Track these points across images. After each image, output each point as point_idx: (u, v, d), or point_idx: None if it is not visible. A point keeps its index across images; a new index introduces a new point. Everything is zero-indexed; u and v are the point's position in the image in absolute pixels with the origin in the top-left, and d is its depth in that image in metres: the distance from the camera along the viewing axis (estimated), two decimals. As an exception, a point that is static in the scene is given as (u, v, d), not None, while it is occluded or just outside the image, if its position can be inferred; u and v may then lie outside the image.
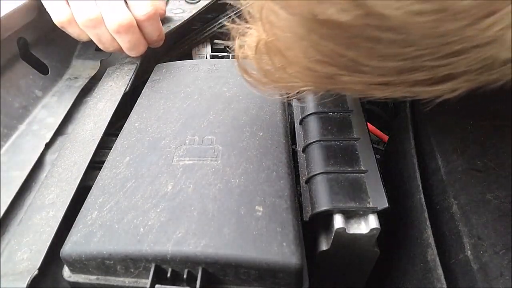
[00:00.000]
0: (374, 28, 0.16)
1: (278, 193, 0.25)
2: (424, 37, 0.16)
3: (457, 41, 0.15)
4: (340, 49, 0.18)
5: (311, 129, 0.30)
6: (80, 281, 0.23)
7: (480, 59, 0.16)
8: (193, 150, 0.28)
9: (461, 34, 0.15)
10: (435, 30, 0.15)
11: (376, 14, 0.15)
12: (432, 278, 0.23)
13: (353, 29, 0.16)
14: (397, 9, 0.15)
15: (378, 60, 0.18)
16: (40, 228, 0.26)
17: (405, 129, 0.31)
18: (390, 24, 0.15)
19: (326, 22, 0.17)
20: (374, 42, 0.17)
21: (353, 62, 0.18)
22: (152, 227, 0.23)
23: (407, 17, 0.15)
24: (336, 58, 0.19)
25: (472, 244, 0.22)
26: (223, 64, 0.39)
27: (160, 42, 0.42)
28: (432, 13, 0.14)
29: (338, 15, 0.16)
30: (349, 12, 0.16)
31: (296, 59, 0.21)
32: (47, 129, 0.37)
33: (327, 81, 0.21)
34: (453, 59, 0.16)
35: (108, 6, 0.37)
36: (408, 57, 0.17)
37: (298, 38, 0.19)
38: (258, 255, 0.21)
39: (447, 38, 0.15)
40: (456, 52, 0.16)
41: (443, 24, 0.15)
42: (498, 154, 0.25)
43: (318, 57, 0.19)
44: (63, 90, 0.42)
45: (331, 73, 0.20)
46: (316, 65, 0.20)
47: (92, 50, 0.48)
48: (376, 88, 0.20)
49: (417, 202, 0.26)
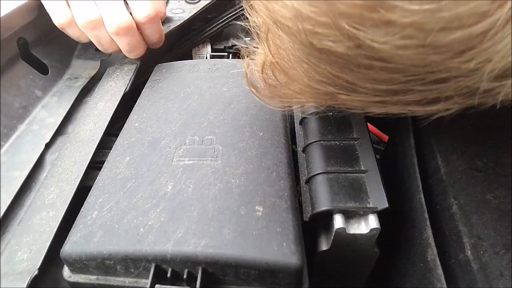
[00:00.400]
0: (365, 57, 0.17)
1: (278, 193, 0.25)
2: (410, 66, 0.17)
3: (441, 70, 0.17)
4: (336, 72, 0.20)
5: (311, 129, 0.30)
6: (80, 281, 0.23)
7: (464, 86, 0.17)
8: (193, 150, 0.28)
9: (445, 65, 0.16)
10: (420, 61, 0.16)
11: (366, 46, 0.17)
12: (432, 278, 0.23)
13: (346, 57, 0.18)
14: (384, 43, 0.16)
15: (371, 84, 0.19)
16: (40, 228, 0.26)
17: (405, 129, 0.31)
18: (379, 55, 0.17)
19: (323, 50, 0.18)
20: (366, 68, 0.18)
21: (349, 83, 0.20)
22: (152, 227, 0.23)
23: (394, 50, 0.16)
24: (333, 79, 0.20)
25: (472, 244, 0.21)
26: (223, 64, 0.39)
27: (161, 44, 0.42)
28: (415, 47, 0.16)
29: (332, 45, 0.17)
30: (342, 43, 0.17)
31: (298, 78, 0.22)
32: (47, 129, 0.37)
33: (328, 97, 0.23)
34: (439, 85, 0.18)
35: (108, 7, 0.37)
36: (398, 81, 0.18)
37: (299, 60, 0.21)
38: (258, 255, 0.21)
39: (432, 68, 0.17)
40: (442, 80, 0.17)
41: (426, 57, 0.16)
42: (498, 154, 0.25)
43: (317, 77, 0.21)
44: (63, 90, 0.42)
45: (330, 92, 0.21)
46: (316, 84, 0.21)
47: (92, 50, 0.48)
48: (374, 105, 0.21)
49: (417, 202, 0.26)
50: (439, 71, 0.17)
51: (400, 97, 0.20)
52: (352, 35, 0.16)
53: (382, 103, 0.21)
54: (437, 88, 0.18)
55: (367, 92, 0.20)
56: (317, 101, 0.25)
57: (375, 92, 0.20)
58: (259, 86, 0.27)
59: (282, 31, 0.20)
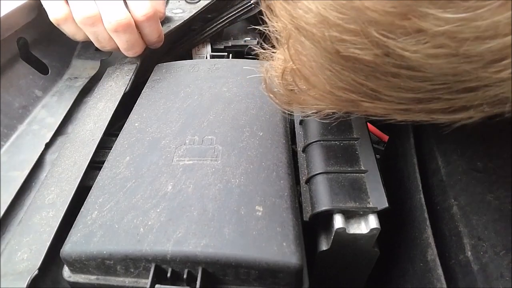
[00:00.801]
0: (393, 66, 0.17)
1: (278, 193, 0.25)
2: (440, 75, 0.17)
3: (471, 80, 0.16)
4: (360, 80, 0.19)
5: (311, 129, 0.30)
6: (80, 281, 0.23)
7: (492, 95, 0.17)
8: (193, 150, 0.28)
9: (476, 74, 0.16)
10: (451, 71, 0.16)
11: (395, 54, 0.16)
12: (432, 278, 0.23)
13: (373, 65, 0.17)
14: (415, 52, 0.16)
15: (397, 92, 0.19)
16: (40, 228, 0.26)
17: (405, 129, 0.31)
18: (409, 63, 0.16)
19: (348, 57, 0.18)
20: (393, 76, 0.18)
21: (373, 91, 0.19)
22: (152, 227, 0.23)
23: (424, 59, 0.16)
24: (357, 87, 0.20)
25: (472, 245, 0.21)
26: (223, 64, 0.39)
27: (160, 43, 0.42)
28: (447, 56, 0.15)
29: (360, 53, 0.17)
30: (370, 51, 0.17)
31: (320, 84, 0.22)
32: (47, 129, 0.37)
33: (349, 104, 0.22)
34: (467, 94, 0.17)
35: (107, 4, 0.36)
36: (425, 90, 0.18)
37: (322, 67, 0.20)
38: (258, 255, 0.21)
39: (461, 77, 0.16)
40: (470, 88, 0.17)
41: (458, 66, 0.16)
42: (498, 155, 0.25)
43: (340, 84, 0.20)
44: (63, 90, 0.42)
45: (353, 99, 0.21)
46: (339, 92, 0.21)
47: (92, 50, 0.48)
48: (397, 113, 0.21)
49: (417, 202, 0.26)
50: (468, 80, 0.16)
51: (425, 106, 0.19)
52: (382, 43, 0.16)
53: (405, 110, 0.20)
54: (465, 97, 0.18)
55: (392, 100, 0.19)
56: (338, 107, 0.24)
57: (400, 100, 0.19)
58: (277, 91, 0.26)
59: (305, 37, 0.19)
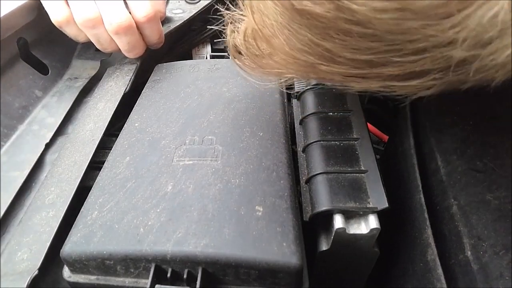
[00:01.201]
0: (345, 21, 0.17)
1: (278, 193, 0.25)
2: (389, 33, 0.17)
3: (419, 39, 0.17)
4: (316, 39, 0.20)
5: (311, 129, 0.30)
6: (80, 281, 0.23)
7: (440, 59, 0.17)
8: (193, 150, 0.28)
9: (422, 33, 0.16)
10: (398, 27, 0.17)
11: (345, 8, 0.17)
12: (432, 278, 0.23)
13: (326, 20, 0.18)
14: (363, 5, 0.16)
15: (351, 53, 0.19)
16: (40, 228, 0.26)
17: (405, 129, 0.31)
18: (358, 18, 0.17)
19: (303, 11, 0.18)
20: (346, 34, 0.18)
21: (329, 52, 0.20)
22: (152, 227, 0.23)
23: (372, 13, 0.16)
24: (313, 47, 0.20)
25: (472, 245, 0.21)
26: (223, 64, 0.39)
27: (160, 44, 0.42)
28: (394, 11, 0.16)
29: (312, 6, 0.18)
30: (322, 5, 0.17)
31: (280, 46, 0.22)
32: (47, 129, 0.37)
33: (308, 69, 0.23)
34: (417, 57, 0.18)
35: (108, 6, 0.36)
36: (377, 51, 0.18)
37: (281, 26, 0.21)
38: (258, 255, 0.21)
39: (410, 36, 0.17)
40: (420, 50, 0.17)
41: (404, 22, 0.16)
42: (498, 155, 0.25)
43: (299, 45, 0.21)
44: (63, 90, 0.42)
45: (311, 62, 0.21)
46: (297, 53, 0.21)
47: (92, 50, 0.48)
48: (353, 80, 0.22)
49: (417, 202, 0.26)
50: (416, 40, 0.17)
51: (379, 70, 0.20)
52: None
53: (362, 77, 0.21)
54: (414, 60, 0.18)
55: (347, 63, 0.20)
56: (298, 73, 0.25)
57: (354, 63, 0.20)
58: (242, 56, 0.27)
59: None
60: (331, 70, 0.21)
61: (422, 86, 0.20)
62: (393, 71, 0.19)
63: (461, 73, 0.18)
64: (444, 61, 0.17)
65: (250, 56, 0.26)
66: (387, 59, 0.19)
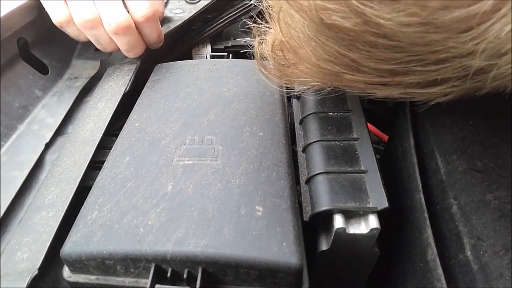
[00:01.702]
0: (371, 34, 0.18)
1: (278, 193, 0.25)
2: (412, 45, 0.18)
3: (441, 50, 0.18)
4: (343, 50, 0.21)
5: (311, 129, 0.30)
6: (80, 281, 0.23)
7: (460, 68, 0.18)
8: (193, 150, 0.28)
9: (444, 45, 0.17)
10: (422, 40, 0.18)
11: (372, 22, 0.18)
12: (432, 278, 0.23)
13: (353, 33, 0.19)
14: (389, 20, 0.17)
15: (375, 63, 0.20)
16: (40, 228, 0.26)
17: (405, 129, 0.31)
18: (384, 31, 0.18)
19: (331, 26, 0.19)
20: (371, 46, 0.19)
21: (354, 62, 0.21)
22: (152, 227, 0.23)
23: (398, 27, 0.17)
24: (339, 58, 0.21)
25: (472, 245, 0.21)
26: (223, 64, 0.39)
27: (159, 44, 0.42)
28: (418, 25, 0.17)
29: (341, 21, 0.19)
30: (350, 19, 0.18)
31: (306, 57, 0.23)
32: (47, 129, 0.37)
33: (333, 78, 0.24)
34: (438, 66, 0.19)
35: (106, 7, 0.36)
36: (400, 61, 0.19)
37: (308, 38, 0.22)
38: (258, 255, 0.21)
39: (432, 48, 0.18)
40: (441, 61, 0.18)
41: (428, 35, 0.17)
42: (498, 155, 0.25)
43: (324, 56, 0.22)
44: (63, 90, 0.42)
45: (336, 71, 0.22)
46: (323, 63, 0.22)
47: (92, 50, 0.48)
48: (376, 88, 0.22)
49: (417, 202, 0.26)
50: (438, 51, 0.18)
51: (401, 78, 0.21)
52: (360, 10, 0.17)
53: (384, 85, 0.22)
54: (436, 69, 0.19)
55: (371, 72, 0.21)
56: (323, 81, 0.26)
57: (378, 72, 0.21)
58: (267, 65, 0.28)
59: (294, 8, 0.21)
60: (355, 79, 0.22)
61: (441, 93, 0.21)
62: (414, 79, 0.20)
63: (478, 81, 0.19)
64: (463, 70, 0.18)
65: (277, 65, 0.27)
66: (409, 69, 0.20)
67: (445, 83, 0.20)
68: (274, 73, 0.28)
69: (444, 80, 0.20)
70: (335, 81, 0.25)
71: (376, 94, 0.23)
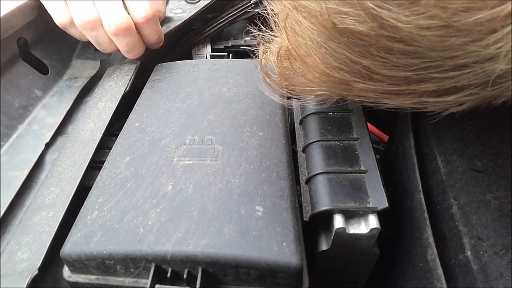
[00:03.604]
0: (387, 39, 0.17)
1: (278, 193, 0.25)
2: (431, 50, 0.17)
3: (460, 55, 0.17)
4: (355, 57, 0.19)
5: (311, 129, 0.30)
6: (80, 281, 0.23)
7: (481, 74, 0.17)
8: (193, 150, 0.28)
9: (465, 49, 0.16)
10: (441, 44, 0.17)
11: (389, 26, 0.17)
12: (432, 278, 0.23)
13: (368, 38, 0.18)
14: (408, 23, 0.16)
15: (389, 70, 0.19)
16: (40, 228, 0.26)
17: (405, 129, 0.31)
18: (401, 35, 0.17)
19: (344, 30, 0.18)
20: (386, 51, 0.18)
21: (367, 70, 0.20)
22: (152, 227, 0.23)
23: (416, 30, 0.16)
24: (351, 65, 0.20)
25: (472, 245, 0.21)
26: (223, 64, 0.39)
27: (160, 44, 0.42)
28: (438, 28, 0.16)
29: (355, 25, 0.17)
30: (365, 23, 0.17)
31: (315, 65, 0.22)
32: (47, 129, 0.37)
33: (342, 87, 0.23)
34: (456, 73, 0.18)
35: (106, 8, 0.36)
36: (416, 68, 0.18)
37: (317, 45, 0.21)
38: (258, 255, 0.21)
39: (452, 52, 0.17)
40: (460, 67, 0.17)
41: (448, 39, 0.16)
42: (498, 155, 0.25)
43: (335, 64, 0.21)
44: (63, 90, 0.42)
45: (346, 80, 0.21)
46: (333, 71, 0.21)
47: (92, 50, 0.48)
48: (387, 97, 0.21)
49: (417, 202, 0.26)
50: (458, 56, 0.17)
51: (415, 87, 0.20)
52: (376, 13, 0.16)
53: (396, 94, 0.21)
54: (453, 76, 0.18)
55: (383, 80, 0.20)
56: (332, 90, 0.25)
57: (391, 80, 0.20)
58: (272, 74, 0.27)
59: (302, 15, 0.20)
60: (366, 88, 0.21)
61: (456, 102, 0.20)
62: (429, 87, 0.19)
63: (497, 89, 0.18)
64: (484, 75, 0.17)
65: (282, 75, 0.26)
66: (425, 75, 0.19)
67: (461, 91, 0.19)
68: (279, 83, 0.27)
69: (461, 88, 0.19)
70: (344, 91, 0.23)
71: (387, 104, 0.22)
